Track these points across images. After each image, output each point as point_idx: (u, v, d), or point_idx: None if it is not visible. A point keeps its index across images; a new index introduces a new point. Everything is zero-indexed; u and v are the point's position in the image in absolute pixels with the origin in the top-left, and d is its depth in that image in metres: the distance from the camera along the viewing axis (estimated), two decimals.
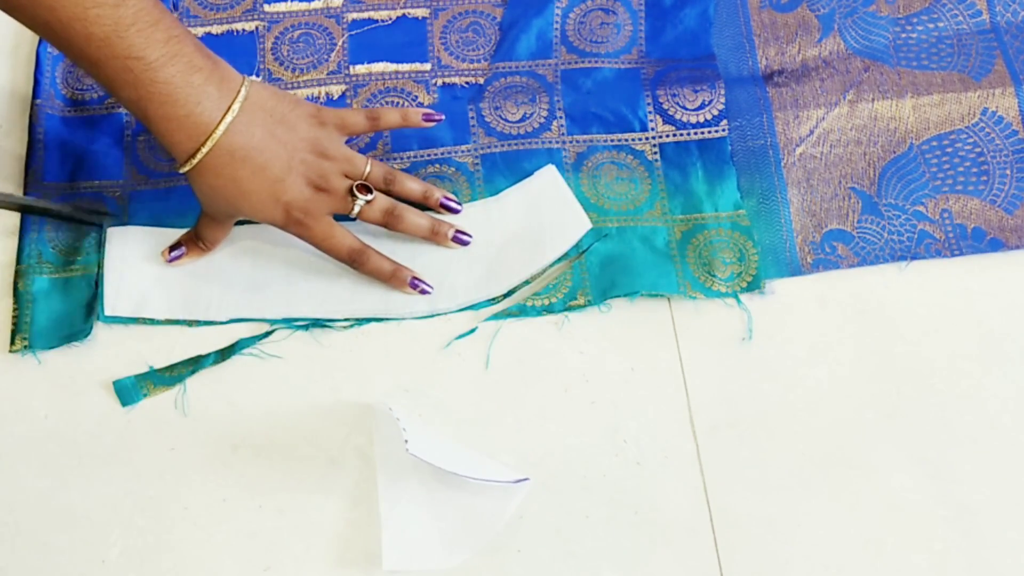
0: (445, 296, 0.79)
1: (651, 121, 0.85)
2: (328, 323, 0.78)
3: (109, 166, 0.84)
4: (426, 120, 0.80)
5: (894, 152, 0.84)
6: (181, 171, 0.72)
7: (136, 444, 0.74)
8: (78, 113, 0.87)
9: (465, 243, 0.80)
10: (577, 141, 0.85)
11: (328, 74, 0.88)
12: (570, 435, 0.75)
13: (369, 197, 0.76)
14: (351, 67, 0.89)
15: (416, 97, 0.87)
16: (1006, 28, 0.88)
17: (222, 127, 0.70)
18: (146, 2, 0.67)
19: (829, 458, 0.74)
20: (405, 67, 0.89)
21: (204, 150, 0.70)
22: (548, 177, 0.83)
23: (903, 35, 0.88)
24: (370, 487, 0.73)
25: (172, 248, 0.79)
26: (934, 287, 0.80)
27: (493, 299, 0.79)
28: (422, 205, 0.81)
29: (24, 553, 0.71)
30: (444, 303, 0.79)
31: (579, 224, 0.81)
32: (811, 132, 0.84)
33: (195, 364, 0.76)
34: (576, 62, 0.88)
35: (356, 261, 0.77)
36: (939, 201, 0.82)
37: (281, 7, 0.91)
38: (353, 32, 0.90)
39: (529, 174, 0.83)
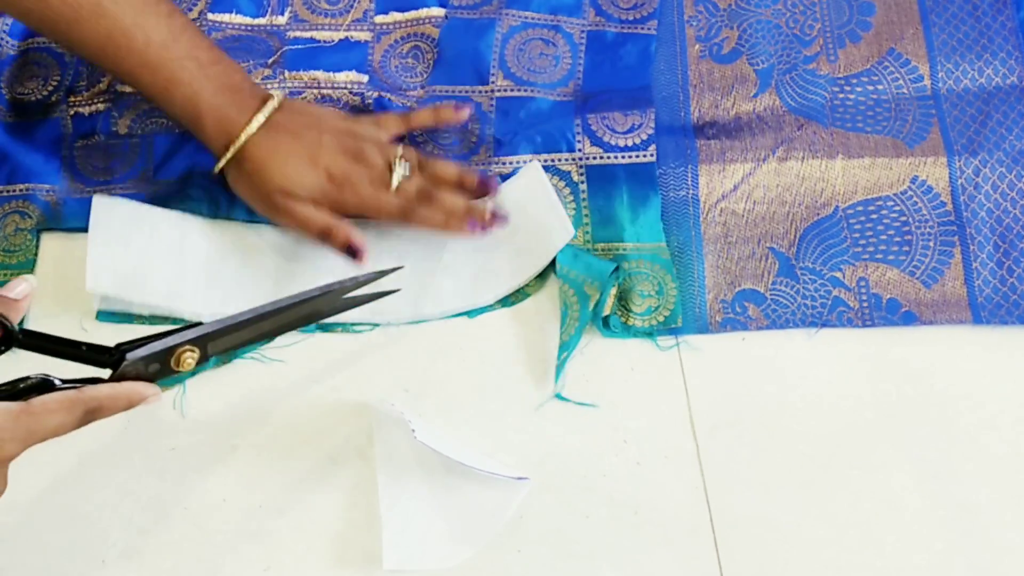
0: (431, 302, 0.79)
1: (578, 142, 0.84)
2: (328, 328, 0.78)
3: (47, 172, 0.84)
4: (457, 110, 0.83)
5: (818, 214, 0.82)
6: (230, 153, 0.77)
7: (136, 444, 0.74)
8: (18, 119, 0.87)
9: (497, 226, 0.79)
10: (503, 163, 0.84)
11: (263, 79, 0.88)
12: (570, 435, 0.75)
13: (406, 172, 0.78)
14: (286, 72, 0.88)
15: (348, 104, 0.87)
16: (946, 96, 0.86)
17: (274, 100, 0.78)
18: (187, 18, 0.78)
19: (829, 458, 0.74)
20: (341, 76, 0.88)
21: (261, 117, 0.76)
22: (532, 176, 0.82)
23: (841, 95, 0.87)
24: (370, 487, 0.73)
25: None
26: None
27: (481, 309, 0.80)
28: None
29: (24, 553, 0.71)
30: (430, 309, 0.79)
31: (564, 230, 0.80)
32: (735, 188, 0.83)
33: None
34: (512, 89, 0.87)
35: (407, 218, 0.78)
36: (857, 268, 0.80)
37: (224, 18, 0.91)
38: (294, 47, 0.89)
39: None
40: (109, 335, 0.76)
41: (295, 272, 0.80)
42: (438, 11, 0.91)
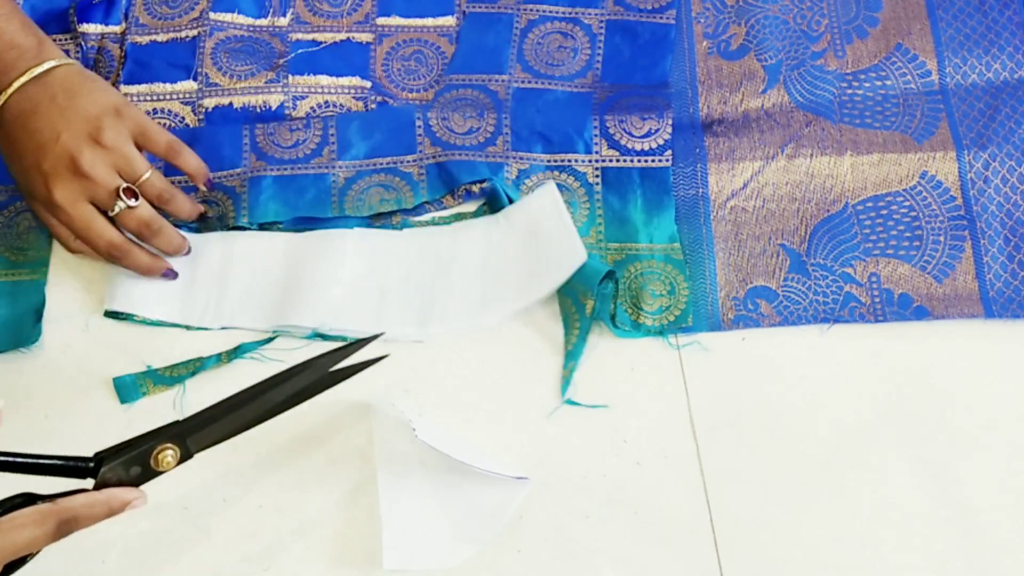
0: (437, 321, 0.79)
1: (596, 144, 0.84)
2: (328, 338, 0.78)
3: None
4: (206, 184, 0.80)
5: (828, 211, 0.82)
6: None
7: None
8: None
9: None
10: (520, 158, 0.84)
11: (266, 82, 0.88)
12: (570, 435, 0.75)
13: (133, 203, 0.75)
14: (290, 77, 0.88)
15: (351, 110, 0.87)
16: (955, 90, 0.86)
17: (16, 84, 0.74)
18: None
19: (829, 458, 0.74)
20: (345, 81, 0.88)
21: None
22: (548, 198, 0.82)
23: (849, 91, 0.86)
24: (370, 487, 0.73)
25: None
26: None
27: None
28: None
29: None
30: (435, 327, 0.78)
31: (575, 254, 0.78)
32: (745, 185, 0.83)
33: (196, 367, 0.77)
34: (530, 81, 0.88)
35: (115, 256, 0.76)
36: (868, 264, 0.80)
37: (226, 17, 0.91)
38: (297, 52, 0.89)
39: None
40: (110, 334, 0.78)
41: (303, 279, 0.79)
42: (447, 20, 0.91)
